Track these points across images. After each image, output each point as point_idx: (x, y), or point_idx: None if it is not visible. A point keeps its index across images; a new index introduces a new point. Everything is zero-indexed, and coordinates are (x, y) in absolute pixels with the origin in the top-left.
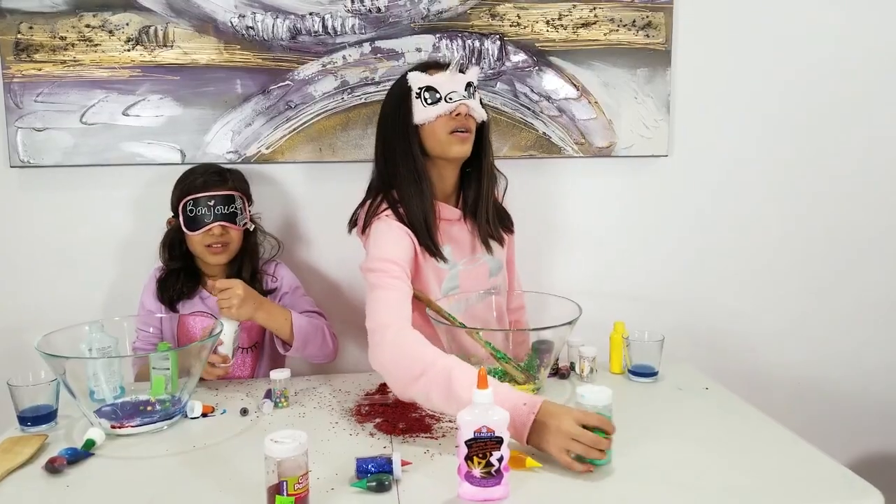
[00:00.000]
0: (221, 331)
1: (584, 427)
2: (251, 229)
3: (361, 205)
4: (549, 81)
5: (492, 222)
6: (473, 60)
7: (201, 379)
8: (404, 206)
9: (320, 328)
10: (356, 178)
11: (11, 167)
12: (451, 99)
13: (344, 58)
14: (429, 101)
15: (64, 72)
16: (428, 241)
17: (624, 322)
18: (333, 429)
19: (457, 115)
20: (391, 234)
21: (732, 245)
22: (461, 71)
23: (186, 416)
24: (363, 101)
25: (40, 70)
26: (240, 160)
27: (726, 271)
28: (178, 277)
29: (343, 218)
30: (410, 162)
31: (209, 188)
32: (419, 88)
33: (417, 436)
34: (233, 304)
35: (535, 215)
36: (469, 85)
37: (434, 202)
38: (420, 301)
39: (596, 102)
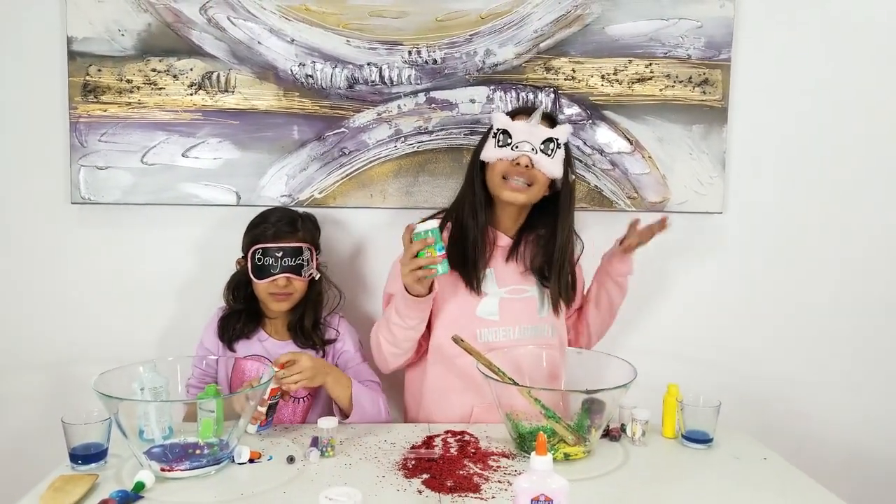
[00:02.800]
0: (270, 380)
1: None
2: (316, 278)
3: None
4: (603, 135)
5: (559, 287)
6: (561, 117)
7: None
8: (459, 229)
9: (377, 402)
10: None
11: (73, 203)
12: (517, 147)
13: (399, 107)
14: (500, 143)
15: (128, 113)
16: (469, 270)
17: (678, 385)
18: (380, 483)
19: (516, 163)
20: None
21: (786, 305)
22: (552, 123)
23: (234, 461)
24: (415, 149)
25: (106, 111)
26: (293, 203)
27: (779, 332)
28: (240, 318)
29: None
30: (471, 192)
31: (279, 239)
32: (497, 129)
33: (466, 495)
34: (298, 381)
35: (585, 269)
36: (550, 140)
37: (488, 230)
38: (470, 354)
39: (650, 157)
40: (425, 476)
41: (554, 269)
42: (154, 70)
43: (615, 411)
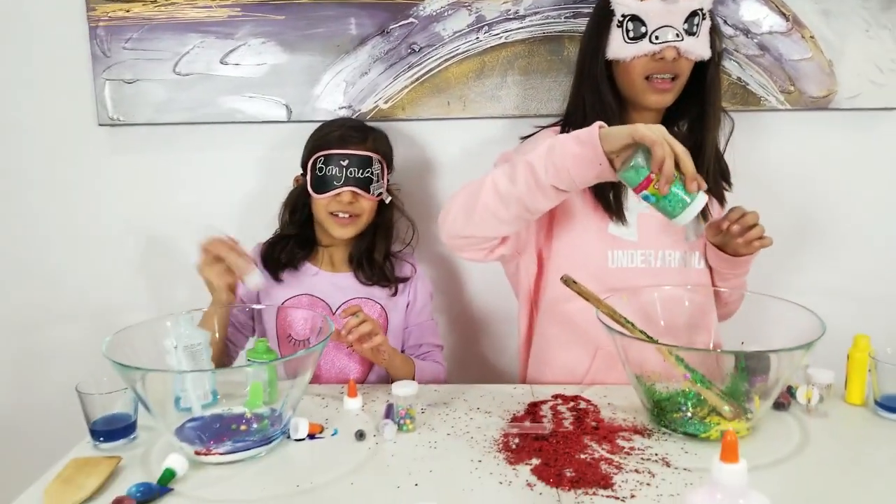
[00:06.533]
0: (328, 337)
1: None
2: (387, 202)
3: None
4: (749, 9)
5: (712, 179)
6: None
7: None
8: None
9: (439, 377)
10: (496, 140)
11: (100, 125)
12: (657, 38)
13: None
14: (631, 35)
15: (154, 12)
16: (608, 198)
17: (869, 336)
18: (476, 471)
19: (660, 58)
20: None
21: None
22: None
23: (289, 438)
24: (502, 41)
25: (128, 11)
26: (354, 116)
27: None
28: (287, 244)
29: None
30: (596, 98)
31: (345, 145)
32: (623, 16)
33: (595, 493)
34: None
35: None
36: (694, 15)
37: None
38: (585, 299)
39: (812, 37)
40: (535, 462)
41: (703, 156)
42: None
43: (785, 374)
